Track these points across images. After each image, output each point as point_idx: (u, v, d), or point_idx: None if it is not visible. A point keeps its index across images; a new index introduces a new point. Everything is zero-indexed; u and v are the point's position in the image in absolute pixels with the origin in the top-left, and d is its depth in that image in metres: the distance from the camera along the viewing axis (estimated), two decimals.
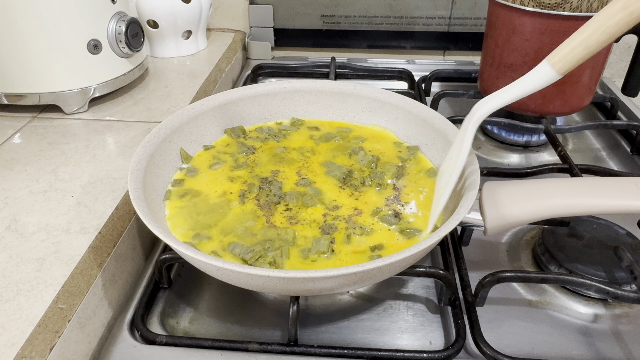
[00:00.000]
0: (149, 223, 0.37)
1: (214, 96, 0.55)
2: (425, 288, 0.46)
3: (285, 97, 0.59)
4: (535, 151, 0.69)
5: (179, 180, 0.49)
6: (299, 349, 0.39)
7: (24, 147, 0.55)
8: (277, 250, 0.41)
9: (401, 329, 0.43)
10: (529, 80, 0.37)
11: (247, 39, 0.93)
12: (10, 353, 0.33)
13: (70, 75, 0.60)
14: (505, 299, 0.46)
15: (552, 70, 0.36)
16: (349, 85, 0.58)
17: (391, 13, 0.88)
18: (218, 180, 0.49)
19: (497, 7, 0.63)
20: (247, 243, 0.42)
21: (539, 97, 0.63)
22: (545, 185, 0.43)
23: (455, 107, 0.79)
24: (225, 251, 0.41)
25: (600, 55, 0.61)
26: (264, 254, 0.40)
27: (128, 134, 0.58)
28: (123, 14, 0.63)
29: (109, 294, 0.43)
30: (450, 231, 0.38)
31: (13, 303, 0.36)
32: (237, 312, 0.44)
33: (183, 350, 0.40)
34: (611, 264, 0.46)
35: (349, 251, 0.41)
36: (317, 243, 0.41)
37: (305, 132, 0.57)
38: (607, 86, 0.82)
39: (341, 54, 0.94)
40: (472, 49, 0.90)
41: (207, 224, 0.44)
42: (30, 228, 0.43)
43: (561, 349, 0.41)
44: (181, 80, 0.72)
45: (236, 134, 0.55)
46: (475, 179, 0.42)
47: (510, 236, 0.53)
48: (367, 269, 0.34)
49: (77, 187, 0.49)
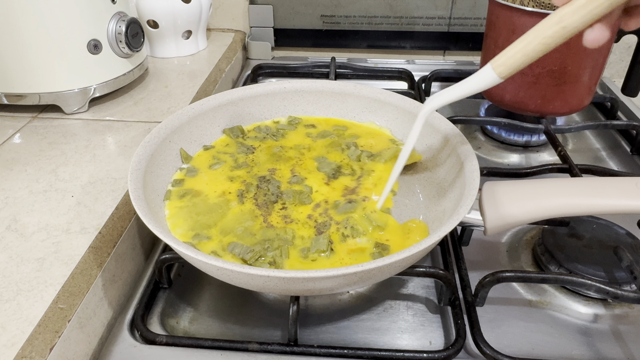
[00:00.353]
0: (149, 223, 0.37)
1: (214, 96, 0.55)
2: (425, 288, 0.46)
3: (285, 97, 0.59)
4: (535, 151, 0.69)
5: (179, 181, 0.49)
6: (299, 349, 0.39)
7: (24, 147, 0.55)
8: (276, 250, 0.41)
9: (401, 329, 0.43)
10: (474, 81, 0.40)
11: (247, 39, 0.93)
12: (10, 353, 0.33)
13: (70, 75, 0.60)
14: (505, 299, 0.46)
15: (493, 73, 0.39)
16: (349, 85, 0.58)
17: (391, 13, 0.88)
18: (218, 180, 0.49)
19: (497, 7, 0.63)
20: (247, 243, 0.42)
21: (539, 97, 0.63)
22: (545, 185, 0.43)
23: (455, 107, 0.79)
24: (225, 251, 0.41)
25: (600, 55, 0.61)
26: (263, 254, 0.40)
27: (128, 134, 0.58)
28: (123, 14, 0.63)
29: (109, 294, 0.43)
30: (450, 231, 0.39)
31: (13, 303, 0.36)
32: (237, 312, 0.44)
33: (183, 350, 0.40)
34: (611, 264, 0.46)
35: (347, 249, 0.41)
36: (316, 242, 0.41)
37: (302, 130, 0.57)
38: (607, 86, 0.82)
39: (341, 54, 0.94)
40: (472, 49, 0.90)
41: (207, 224, 0.44)
42: (30, 228, 0.43)
43: (561, 349, 0.41)
44: (181, 80, 0.72)
45: (235, 134, 0.55)
46: (475, 179, 0.42)
47: (510, 236, 0.53)
48: (367, 269, 0.34)
49: (77, 187, 0.49)
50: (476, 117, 0.69)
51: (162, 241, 0.43)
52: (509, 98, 0.65)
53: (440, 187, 0.48)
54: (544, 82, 0.62)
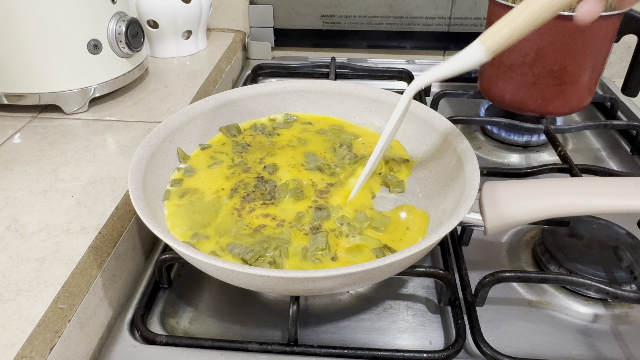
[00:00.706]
0: (149, 223, 0.37)
1: (214, 96, 0.55)
2: (425, 288, 0.46)
3: (285, 97, 0.59)
4: (535, 151, 0.69)
5: (178, 180, 0.49)
6: (299, 349, 0.39)
7: (24, 147, 0.55)
8: (275, 250, 0.41)
9: (401, 329, 0.43)
10: (462, 57, 0.40)
11: (247, 39, 0.93)
12: (10, 353, 0.33)
13: (70, 75, 0.60)
14: (505, 299, 0.46)
15: (481, 48, 0.38)
16: (349, 85, 0.58)
17: (391, 13, 0.88)
18: (214, 178, 0.49)
19: (497, 7, 0.63)
20: (245, 243, 0.42)
21: (539, 97, 0.63)
22: (545, 185, 0.43)
23: (455, 107, 0.79)
24: (224, 251, 0.41)
25: (600, 55, 0.61)
26: (263, 254, 0.40)
27: (128, 134, 0.58)
28: (123, 14, 0.63)
29: (109, 294, 0.43)
30: (450, 231, 0.39)
31: (13, 303, 0.36)
32: (237, 312, 0.44)
33: (183, 350, 0.40)
34: (611, 264, 0.46)
35: (344, 247, 0.42)
36: (315, 241, 0.41)
37: (298, 127, 0.57)
38: (607, 86, 0.82)
39: (341, 54, 0.94)
40: None
41: (202, 223, 0.44)
42: (30, 228, 0.43)
43: (561, 349, 0.41)
44: (181, 80, 0.72)
45: (231, 133, 0.55)
46: (475, 179, 0.42)
47: (510, 236, 0.53)
48: (367, 269, 0.34)
49: (77, 187, 0.49)
50: (476, 117, 0.69)
51: (162, 241, 0.43)
52: (509, 98, 0.65)
53: (440, 187, 0.48)
54: (544, 82, 0.62)
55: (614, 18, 0.58)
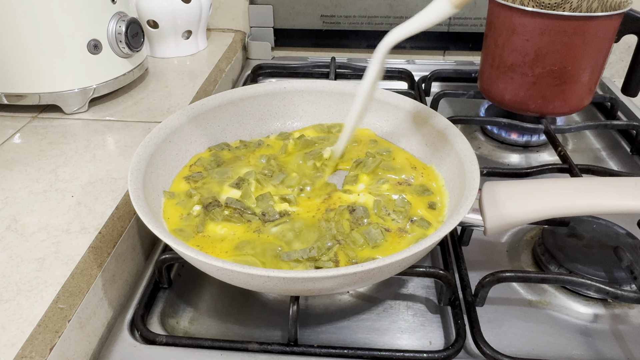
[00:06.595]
0: (149, 223, 0.37)
1: (214, 96, 0.55)
2: (425, 288, 0.46)
3: (285, 97, 0.59)
4: (535, 151, 0.69)
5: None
6: (299, 349, 0.39)
7: (24, 147, 0.55)
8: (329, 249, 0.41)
9: (401, 329, 0.43)
10: (428, 12, 0.41)
11: (247, 39, 0.93)
12: (11, 353, 0.33)
13: (70, 75, 0.60)
14: (505, 299, 0.46)
15: (445, 1, 0.39)
16: (349, 85, 0.58)
17: (391, 13, 0.88)
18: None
19: (497, 7, 0.63)
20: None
21: (539, 97, 0.63)
22: (545, 185, 0.43)
23: (455, 107, 0.79)
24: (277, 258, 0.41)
25: (600, 55, 0.61)
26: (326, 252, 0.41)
27: (128, 134, 0.58)
28: (123, 14, 0.63)
29: (109, 294, 0.43)
30: (450, 231, 0.39)
31: (13, 303, 0.36)
32: (237, 312, 0.44)
33: (183, 350, 0.40)
34: (611, 264, 0.46)
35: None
36: (368, 234, 0.42)
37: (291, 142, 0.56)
38: (607, 86, 0.82)
39: (341, 54, 0.94)
40: (472, 49, 0.90)
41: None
42: (30, 228, 0.43)
43: (561, 349, 0.41)
44: (181, 80, 0.72)
45: (220, 148, 0.54)
46: (475, 179, 0.42)
47: (510, 236, 0.53)
48: (367, 269, 0.34)
49: (77, 187, 0.49)
50: (476, 117, 0.69)
51: (162, 241, 0.43)
52: (509, 98, 0.65)
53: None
54: (544, 82, 0.62)
55: (614, 18, 0.58)
